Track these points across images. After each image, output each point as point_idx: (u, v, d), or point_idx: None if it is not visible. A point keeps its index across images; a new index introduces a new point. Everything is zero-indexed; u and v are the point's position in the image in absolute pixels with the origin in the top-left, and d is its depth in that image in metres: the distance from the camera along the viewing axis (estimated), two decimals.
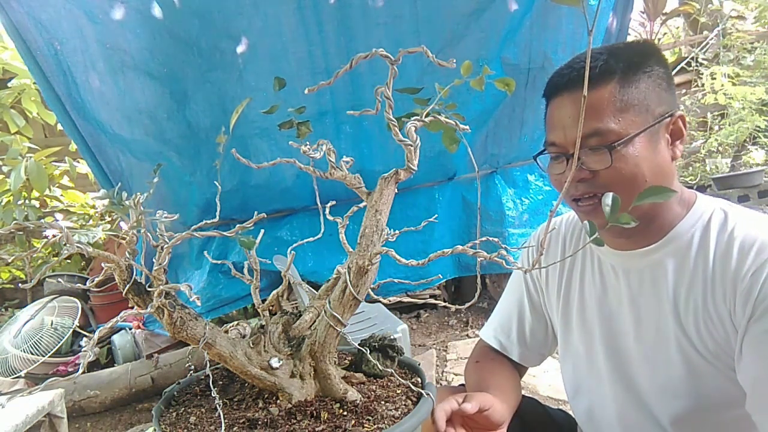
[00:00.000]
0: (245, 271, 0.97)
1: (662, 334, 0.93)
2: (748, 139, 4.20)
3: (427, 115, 0.74)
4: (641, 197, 0.58)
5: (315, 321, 0.87)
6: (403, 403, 0.82)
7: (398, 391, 0.86)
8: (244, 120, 2.26)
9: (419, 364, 0.95)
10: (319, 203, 0.95)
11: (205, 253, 2.51)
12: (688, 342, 0.89)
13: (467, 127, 0.75)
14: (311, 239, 0.99)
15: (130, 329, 3.21)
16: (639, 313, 0.96)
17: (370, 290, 0.80)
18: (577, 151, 0.58)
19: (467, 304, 0.83)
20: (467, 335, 3.15)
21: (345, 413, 0.78)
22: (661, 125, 0.88)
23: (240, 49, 2.25)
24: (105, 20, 2.12)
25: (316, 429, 0.73)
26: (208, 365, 0.81)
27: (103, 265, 0.75)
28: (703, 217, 0.91)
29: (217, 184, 0.90)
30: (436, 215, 1.07)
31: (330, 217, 0.90)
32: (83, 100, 2.34)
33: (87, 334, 3.38)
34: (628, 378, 1.00)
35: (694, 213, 0.92)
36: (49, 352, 3.00)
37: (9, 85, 3.52)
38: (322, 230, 0.94)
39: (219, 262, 1.25)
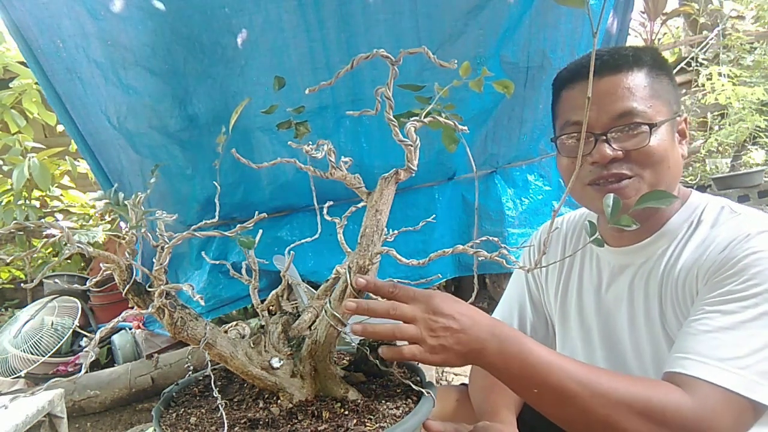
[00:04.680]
0: (243, 271, 0.97)
1: (652, 328, 0.94)
2: (748, 139, 4.19)
3: (427, 114, 0.74)
4: (642, 201, 0.58)
5: (315, 321, 0.87)
6: (404, 402, 0.82)
7: (398, 390, 0.86)
8: (246, 114, 2.26)
9: (418, 364, 0.95)
10: (315, 204, 0.95)
11: (203, 253, 2.50)
12: (673, 335, 0.90)
13: (465, 127, 0.75)
14: (309, 239, 0.99)
15: (130, 329, 3.21)
16: (633, 308, 0.97)
17: None
18: (583, 141, 0.58)
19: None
20: None
21: (346, 412, 0.78)
22: (675, 122, 0.92)
23: (241, 44, 2.25)
24: (106, 16, 2.12)
25: (318, 428, 0.73)
26: (209, 365, 0.81)
27: (102, 265, 0.75)
28: (696, 212, 0.92)
29: (216, 184, 0.90)
30: (435, 215, 1.08)
31: (328, 218, 0.90)
32: (86, 98, 2.34)
33: (87, 334, 3.38)
34: (624, 372, 1.00)
35: (688, 208, 0.93)
36: (49, 352, 2.99)
37: (10, 85, 3.52)
38: (320, 230, 0.95)
39: (218, 262, 1.25)
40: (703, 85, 4.27)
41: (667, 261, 0.92)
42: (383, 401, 0.81)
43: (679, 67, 4.68)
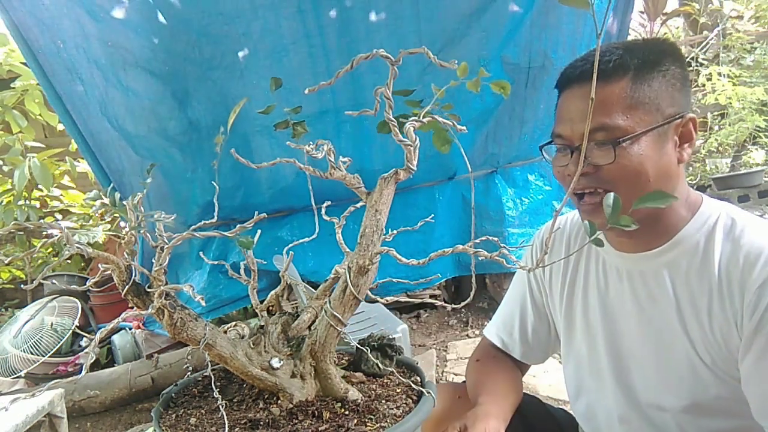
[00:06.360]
0: (242, 271, 0.97)
1: (666, 338, 0.92)
2: (748, 139, 4.19)
3: (426, 115, 0.74)
4: (641, 202, 0.58)
5: (314, 321, 0.87)
6: (404, 401, 0.82)
7: (398, 390, 0.86)
8: (246, 117, 2.26)
9: (417, 363, 0.95)
10: (313, 204, 0.95)
11: (201, 254, 2.52)
12: (692, 347, 0.89)
13: (464, 127, 0.74)
14: (308, 239, 0.99)
15: (130, 329, 3.21)
16: (642, 315, 0.96)
17: (368, 290, 0.80)
18: (584, 148, 0.58)
19: (463, 303, 0.83)
20: (467, 335, 3.14)
21: (347, 412, 0.78)
22: (671, 126, 0.87)
23: (240, 50, 2.25)
24: (106, 18, 2.12)
25: (319, 429, 0.73)
26: (209, 366, 0.81)
27: (100, 266, 0.75)
28: (709, 222, 0.90)
29: (215, 184, 0.90)
30: (433, 215, 1.08)
31: (326, 218, 0.90)
32: (86, 99, 2.34)
33: (87, 334, 3.38)
34: (629, 379, 1.00)
35: (700, 217, 0.91)
36: (49, 352, 3.00)
37: (12, 85, 3.52)
38: (317, 230, 0.95)
39: (217, 263, 1.25)
40: (703, 85, 4.27)
41: (682, 276, 0.90)
42: (383, 401, 0.81)
43: None
